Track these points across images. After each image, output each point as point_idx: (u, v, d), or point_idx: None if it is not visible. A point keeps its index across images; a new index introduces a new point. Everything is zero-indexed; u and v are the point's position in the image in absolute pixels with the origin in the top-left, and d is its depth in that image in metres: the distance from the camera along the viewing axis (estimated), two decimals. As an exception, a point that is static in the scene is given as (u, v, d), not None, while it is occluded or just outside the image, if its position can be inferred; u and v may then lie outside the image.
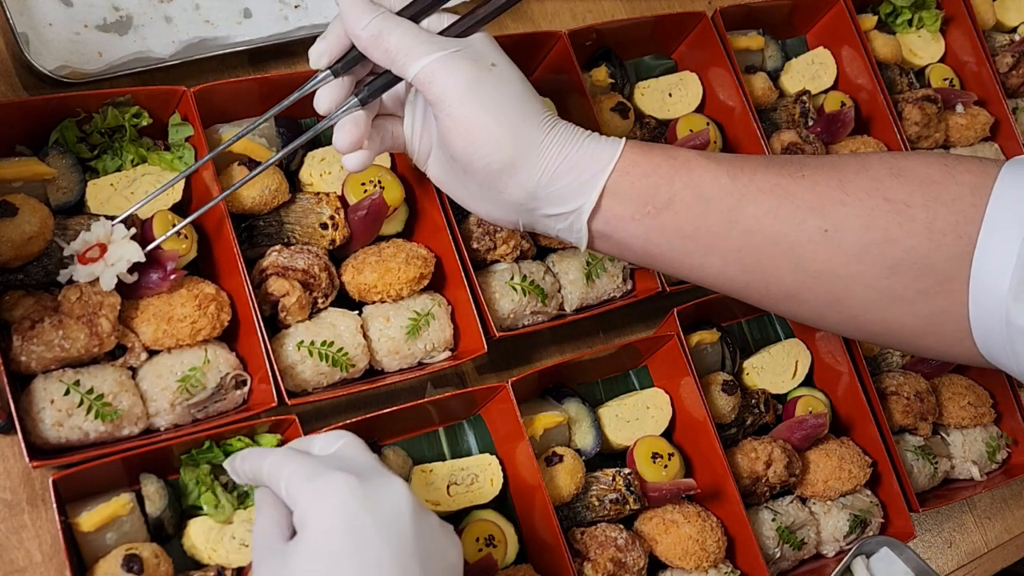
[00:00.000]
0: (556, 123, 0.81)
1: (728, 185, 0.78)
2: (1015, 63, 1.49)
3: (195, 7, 1.03)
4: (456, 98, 0.78)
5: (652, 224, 0.80)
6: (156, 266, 0.88)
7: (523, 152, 0.80)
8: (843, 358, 1.21)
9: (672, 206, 0.79)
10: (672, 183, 0.79)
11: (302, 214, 0.98)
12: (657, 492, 1.06)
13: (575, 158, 0.80)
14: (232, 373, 0.90)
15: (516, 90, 0.81)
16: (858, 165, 0.78)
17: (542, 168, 0.80)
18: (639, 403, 1.12)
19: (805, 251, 0.76)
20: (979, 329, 0.73)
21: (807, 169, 0.78)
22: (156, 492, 0.86)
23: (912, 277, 0.74)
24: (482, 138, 0.79)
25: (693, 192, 0.79)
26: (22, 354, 0.82)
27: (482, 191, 0.84)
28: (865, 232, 0.75)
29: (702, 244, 0.80)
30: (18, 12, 0.93)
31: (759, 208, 0.77)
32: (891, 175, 0.76)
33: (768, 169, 0.79)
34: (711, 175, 0.79)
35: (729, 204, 0.78)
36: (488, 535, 0.97)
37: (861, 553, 1.14)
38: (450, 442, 1.05)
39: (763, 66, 1.33)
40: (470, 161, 0.80)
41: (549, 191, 0.80)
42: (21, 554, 0.85)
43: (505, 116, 0.79)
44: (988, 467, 1.33)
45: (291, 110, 1.02)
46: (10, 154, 0.90)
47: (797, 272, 0.78)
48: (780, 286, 0.79)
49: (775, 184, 0.78)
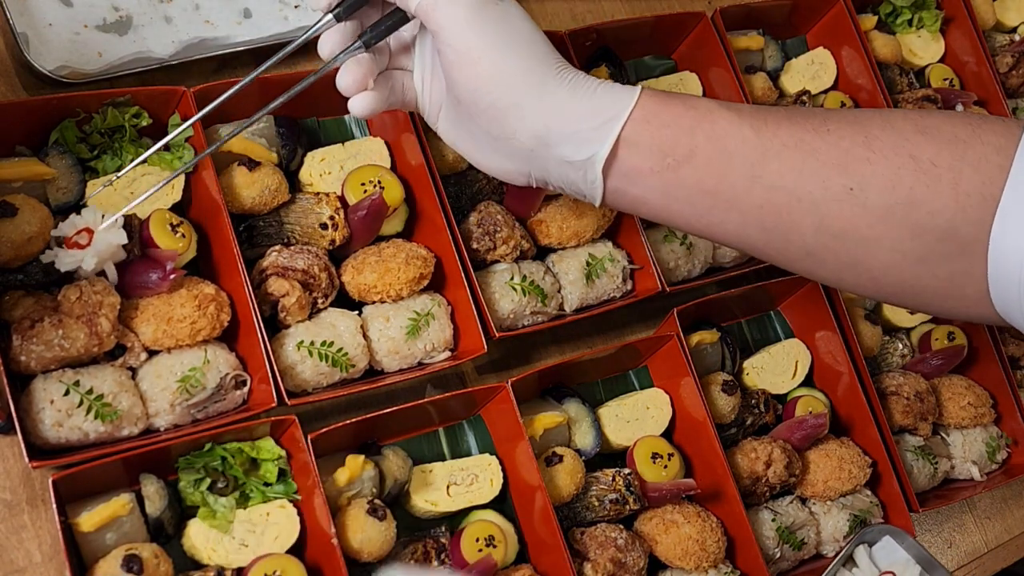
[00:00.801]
0: (567, 67, 0.78)
1: (752, 139, 0.75)
2: (1015, 63, 1.49)
3: (195, 7, 1.03)
4: (459, 28, 0.76)
5: (671, 178, 0.77)
6: (156, 266, 0.88)
7: (532, 91, 0.76)
8: (843, 358, 1.21)
9: (693, 159, 0.76)
10: (693, 135, 0.76)
11: (302, 214, 0.98)
12: (657, 492, 1.06)
13: (589, 103, 0.77)
14: (232, 373, 0.90)
15: (523, 28, 0.77)
16: (883, 121, 0.75)
17: (553, 111, 0.77)
18: (639, 403, 1.12)
19: (829, 209, 0.74)
20: (997, 290, 0.71)
21: (831, 123, 0.75)
22: (156, 492, 0.86)
23: (935, 239, 0.72)
24: (485, 72, 0.76)
25: (715, 145, 0.76)
26: (22, 354, 0.82)
27: (490, 140, 0.81)
28: (891, 192, 0.72)
29: (723, 200, 0.77)
30: (18, 12, 0.93)
31: (783, 164, 0.75)
32: (917, 132, 0.73)
33: (792, 123, 0.76)
34: (734, 128, 0.76)
35: (752, 159, 0.75)
36: (488, 535, 0.97)
37: (863, 542, 1.14)
38: (450, 442, 1.05)
39: (763, 66, 1.33)
40: (475, 100, 0.78)
41: (561, 136, 0.77)
42: (21, 554, 0.85)
43: (511, 51, 0.76)
44: (988, 467, 1.33)
45: (291, 110, 1.03)
46: (10, 154, 0.90)
47: (819, 231, 0.75)
48: (801, 245, 0.77)
49: (799, 139, 0.75)
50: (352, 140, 1.05)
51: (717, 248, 1.19)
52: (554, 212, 1.09)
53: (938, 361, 1.31)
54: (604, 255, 1.10)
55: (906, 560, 1.13)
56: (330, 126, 1.08)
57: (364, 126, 1.09)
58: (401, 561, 0.94)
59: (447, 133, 0.86)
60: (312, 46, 1.10)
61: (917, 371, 1.30)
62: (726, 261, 1.20)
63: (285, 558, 0.88)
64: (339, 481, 0.93)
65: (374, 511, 0.91)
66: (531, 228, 1.10)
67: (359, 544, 0.90)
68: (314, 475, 0.88)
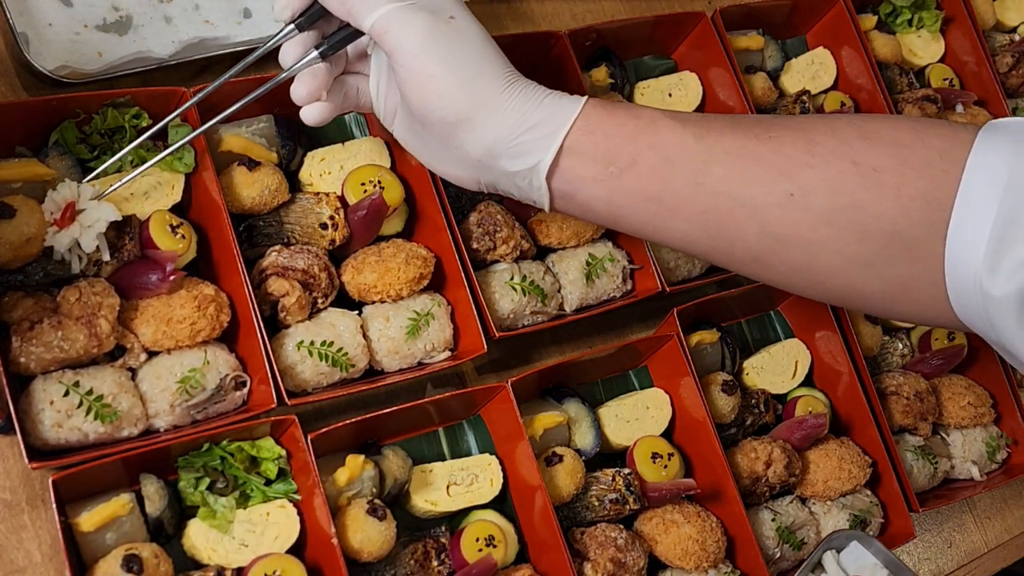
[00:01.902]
0: (516, 79, 0.80)
1: (694, 146, 0.77)
2: (1015, 63, 1.49)
3: (195, 7, 1.03)
4: (410, 49, 0.78)
5: (615, 185, 0.78)
6: (155, 267, 0.88)
7: (479, 106, 0.79)
8: (843, 358, 1.21)
9: (636, 167, 0.78)
10: (636, 143, 0.77)
11: (302, 214, 0.98)
12: (657, 492, 1.06)
13: (535, 115, 0.79)
14: (232, 374, 0.90)
15: (474, 44, 0.80)
16: (826, 127, 0.76)
17: (499, 123, 0.79)
18: (639, 403, 1.12)
19: (771, 215, 0.75)
20: (956, 295, 0.72)
21: (775, 131, 0.76)
22: (156, 492, 0.86)
23: (880, 244, 0.73)
24: (436, 90, 0.78)
25: (657, 153, 0.77)
26: (21, 355, 0.82)
27: (442, 148, 0.83)
28: (833, 196, 0.73)
29: (666, 206, 0.78)
30: (18, 12, 0.93)
31: (725, 170, 0.76)
32: (860, 138, 0.74)
33: (735, 130, 0.77)
34: (676, 136, 0.77)
35: (694, 166, 0.76)
36: (488, 535, 0.97)
37: (831, 548, 1.14)
38: (450, 442, 1.05)
39: (763, 66, 1.33)
40: (425, 115, 0.80)
41: (507, 147, 0.79)
42: (21, 554, 0.85)
43: (461, 69, 0.78)
44: (988, 467, 1.33)
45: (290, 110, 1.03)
46: (10, 155, 0.90)
47: (763, 236, 0.76)
48: (746, 250, 0.78)
49: (741, 146, 0.76)
50: (352, 140, 1.05)
51: (717, 248, 1.19)
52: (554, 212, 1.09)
53: (938, 361, 1.31)
54: (604, 255, 1.10)
55: (873, 565, 1.13)
56: (330, 126, 1.08)
57: (364, 126, 1.09)
58: (401, 561, 0.94)
59: (402, 137, 0.89)
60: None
61: (917, 371, 1.30)
62: (726, 261, 1.20)
63: (285, 558, 0.88)
64: (339, 481, 0.93)
65: (374, 511, 0.91)
66: (531, 228, 1.10)
67: (359, 544, 0.90)
68: (314, 475, 0.88)
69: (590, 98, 0.80)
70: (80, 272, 0.88)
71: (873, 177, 0.72)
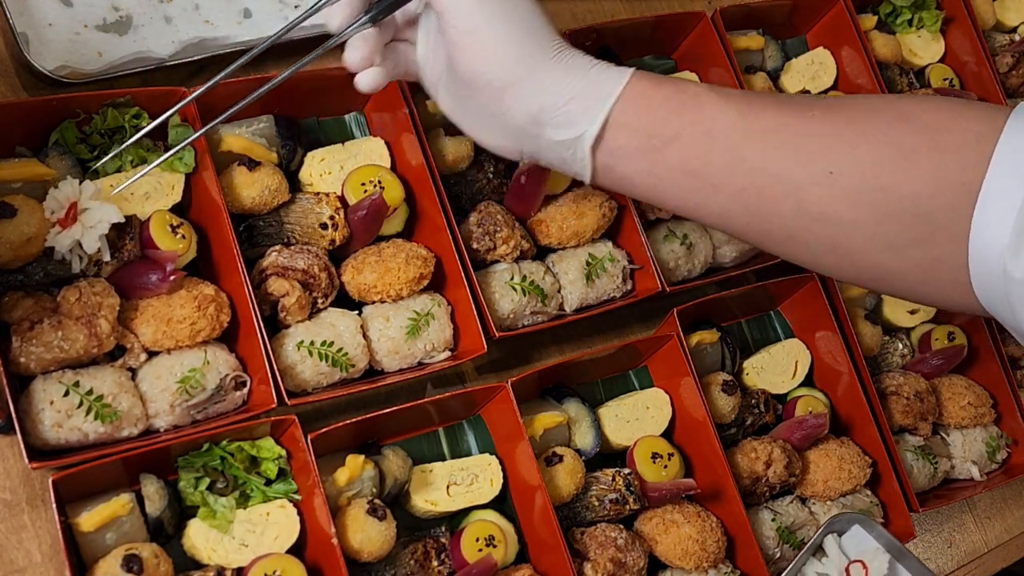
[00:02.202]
0: (564, 48, 0.80)
1: (736, 122, 0.77)
2: (1015, 63, 1.49)
3: (195, 7, 1.03)
4: (463, 9, 0.78)
5: (657, 158, 0.79)
6: (155, 267, 0.88)
7: (527, 72, 0.79)
8: (843, 358, 1.21)
9: (678, 140, 0.78)
10: (680, 117, 0.78)
11: (302, 214, 0.98)
12: (657, 492, 1.06)
13: (581, 84, 0.79)
14: (232, 374, 0.90)
15: (526, 10, 0.80)
16: (868, 107, 0.77)
17: (546, 90, 0.79)
18: (639, 403, 1.12)
19: (809, 192, 0.75)
20: (978, 279, 0.72)
21: (817, 109, 0.77)
22: (156, 492, 0.86)
23: (906, 224, 0.73)
24: (486, 53, 0.78)
25: (700, 128, 0.78)
26: (21, 355, 0.82)
27: (486, 115, 0.83)
28: (869, 176, 0.73)
29: (707, 181, 0.79)
30: (18, 12, 0.93)
31: (765, 147, 0.76)
32: (899, 119, 0.74)
33: (778, 108, 0.78)
34: (720, 111, 0.78)
35: (735, 141, 0.77)
36: (488, 535, 0.97)
37: (833, 531, 1.14)
38: (450, 442, 1.05)
39: (763, 66, 1.33)
40: (473, 78, 0.80)
41: (552, 116, 0.80)
42: (21, 554, 0.85)
43: (511, 33, 0.78)
44: (988, 467, 1.33)
45: (290, 110, 1.03)
46: (10, 155, 0.90)
47: (799, 214, 0.77)
48: (782, 227, 0.78)
49: (783, 123, 0.76)
50: (352, 140, 1.05)
51: (717, 248, 1.19)
52: (554, 212, 1.09)
53: (938, 361, 1.31)
54: (604, 255, 1.10)
55: (875, 549, 1.13)
56: (330, 126, 1.08)
57: (364, 126, 1.09)
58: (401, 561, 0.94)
59: (445, 104, 0.88)
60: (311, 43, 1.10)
61: (917, 371, 1.30)
62: (726, 261, 1.20)
63: (285, 558, 0.88)
64: (339, 481, 0.93)
65: (374, 511, 0.91)
66: (531, 228, 1.10)
67: (359, 544, 0.90)
68: (314, 475, 0.88)
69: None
70: (80, 272, 0.88)
71: (911, 158, 0.72)
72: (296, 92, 1.02)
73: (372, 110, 1.08)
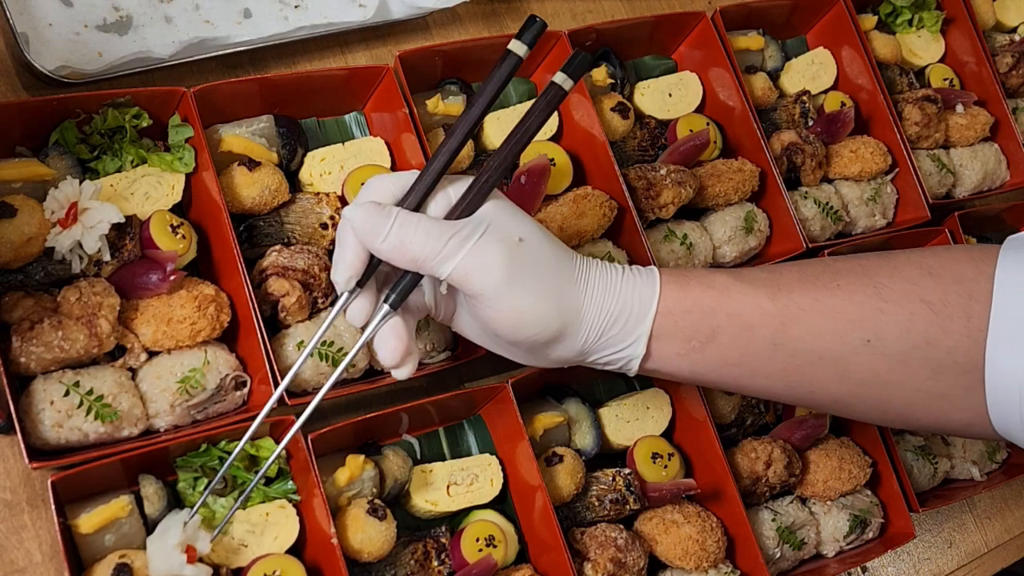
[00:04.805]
0: (589, 274, 0.81)
1: (769, 308, 0.79)
2: (1015, 63, 1.49)
3: (195, 7, 1.03)
4: (496, 291, 0.76)
5: (697, 358, 0.81)
6: (156, 267, 0.88)
7: (568, 322, 0.79)
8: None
9: (716, 339, 0.80)
10: (715, 316, 0.80)
11: (302, 214, 0.98)
12: (657, 492, 1.06)
13: (615, 310, 0.80)
14: (232, 374, 0.90)
15: (548, 258, 0.79)
16: (889, 268, 0.79)
17: (586, 331, 0.80)
18: (639, 403, 1.12)
19: (849, 363, 0.78)
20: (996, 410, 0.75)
21: (841, 279, 0.79)
22: (155, 493, 0.86)
23: (955, 375, 0.75)
24: (529, 321, 0.78)
25: (735, 321, 0.79)
26: (22, 355, 0.82)
27: (526, 355, 0.83)
28: (907, 337, 0.76)
29: (747, 369, 0.81)
30: (18, 12, 0.93)
31: (800, 328, 0.78)
32: (925, 275, 0.77)
33: (803, 283, 0.79)
34: (751, 300, 0.79)
35: (772, 328, 0.79)
36: (488, 535, 0.97)
37: None
38: (450, 442, 1.05)
39: (763, 66, 1.33)
40: (516, 340, 0.80)
41: (595, 346, 0.81)
42: (21, 554, 0.85)
43: (546, 292, 0.78)
44: (988, 467, 1.33)
45: (290, 110, 1.03)
46: (10, 155, 0.90)
47: (843, 382, 0.79)
48: (827, 395, 0.81)
49: (813, 299, 0.78)
50: (352, 140, 1.05)
51: (717, 248, 1.19)
52: (554, 212, 1.09)
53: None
54: (604, 255, 1.10)
55: None
56: (330, 126, 1.08)
57: (364, 126, 1.09)
58: (401, 561, 0.94)
59: (468, 335, 0.87)
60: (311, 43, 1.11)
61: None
62: (726, 261, 1.20)
63: (285, 558, 0.88)
64: (339, 481, 0.93)
65: (374, 511, 0.91)
66: (531, 228, 1.10)
67: (359, 544, 0.90)
68: (314, 475, 0.88)
69: (662, 274, 0.81)
70: (80, 272, 0.88)
71: (943, 312, 0.75)
72: (296, 92, 1.02)
73: (372, 110, 1.08)
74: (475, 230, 0.77)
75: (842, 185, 1.31)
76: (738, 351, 0.80)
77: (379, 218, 0.76)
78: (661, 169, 1.15)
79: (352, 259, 0.79)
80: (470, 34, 1.19)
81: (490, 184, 0.79)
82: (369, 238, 0.77)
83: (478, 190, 0.79)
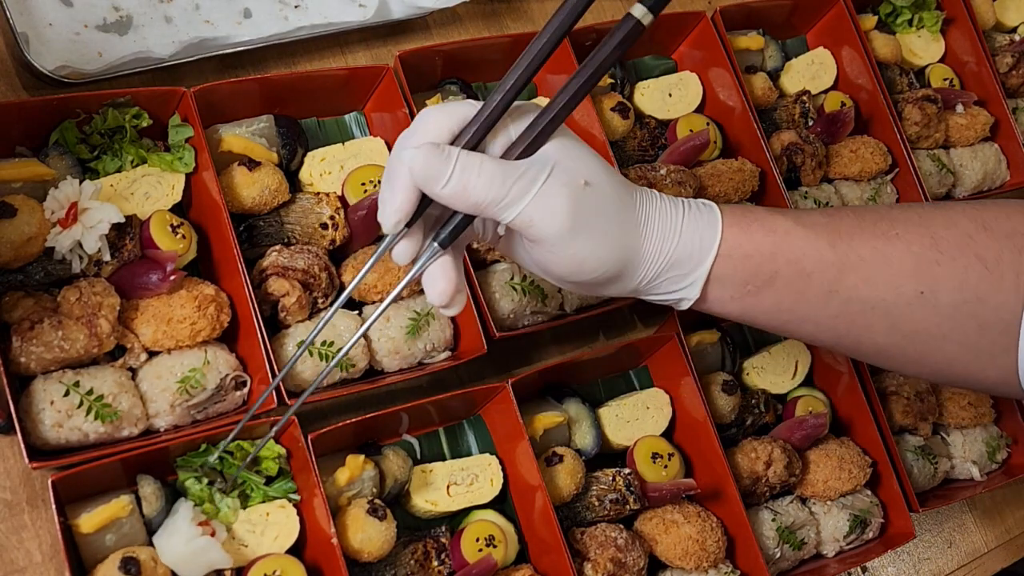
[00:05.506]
0: (649, 214, 0.77)
1: (829, 255, 0.78)
2: (1015, 63, 1.49)
3: (195, 7, 1.03)
4: (559, 239, 0.73)
5: (752, 302, 0.80)
6: (156, 267, 0.88)
7: (627, 263, 0.77)
8: (843, 358, 1.21)
9: (773, 284, 0.79)
10: (775, 261, 0.78)
11: (302, 214, 0.98)
12: (657, 492, 1.06)
13: (675, 253, 0.77)
14: (232, 374, 0.90)
15: (613, 201, 0.75)
16: (946, 220, 0.78)
17: (644, 272, 0.78)
18: (639, 403, 1.12)
19: (901, 314, 0.77)
20: None
21: (899, 227, 0.78)
22: (153, 493, 0.86)
23: (998, 332, 0.75)
24: (588, 268, 0.76)
25: (795, 268, 0.78)
26: (22, 355, 0.82)
27: (577, 287, 0.81)
28: (959, 292, 0.75)
29: (798, 315, 0.80)
30: (18, 12, 0.93)
31: (858, 277, 0.77)
32: (980, 229, 0.76)
33: (863, 231, 0.78)
34: (811, 246, 0.78)
35: (830, 276, 0.78)
36: (488, 535, 0.97)
37: None
38: (450, 442, 1.05)
39: (763, 66, 1.33)
40: (576, 280, 0.78)
41: (652, 285, 0.79)
42: (21, 554, 0.85)
43: (608, 238, 0.75)
44: (988, 467, 1.33)
45: (290, 110, 1.03)
46: (10, 155, 0.90)
47: (891, 333, 0.78)
48: (872, 345, 0.80)
49: (872, 248, 0.77)
50: (352, 140, 1.05)
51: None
52: (554, 212, 1.09)
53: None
54: (604, 255, 1.10)
55: None
56: (330, 126, 1.08)
57: (364, 126, 1.09)
58: (401, 561, 0.94)
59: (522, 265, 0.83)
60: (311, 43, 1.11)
61: (917, 371, 1.30)
62: (726, 261, 1.20)
63: (285, 558, 0.88)
64: (339, 481, 0.93)
65: (374, 511, 0.91)
66: (531, 228, 1.09)
67: (359, 544, 0.90)
68: (314, 475, 0.88)
69: (724, 214, 0.78)
70: (80, 272, 0.88)
71: (996, 270, 0.75)
72: (296, 92, 1.02)
73: (372, 110, 1.08)
74: (540, 172, 0.72)
75: (842, 185, 1.31)
76: (792, 297, 0.79)
77: (439, 161, 0.71)
78: (661, 169, 1.15)
79: (402, 202, 0.74)
80: (470, 34, 1.19)
81: (557, 121, 0.74)
82: (429, 183, 0.72)
83: (544, 128, 0.74)
